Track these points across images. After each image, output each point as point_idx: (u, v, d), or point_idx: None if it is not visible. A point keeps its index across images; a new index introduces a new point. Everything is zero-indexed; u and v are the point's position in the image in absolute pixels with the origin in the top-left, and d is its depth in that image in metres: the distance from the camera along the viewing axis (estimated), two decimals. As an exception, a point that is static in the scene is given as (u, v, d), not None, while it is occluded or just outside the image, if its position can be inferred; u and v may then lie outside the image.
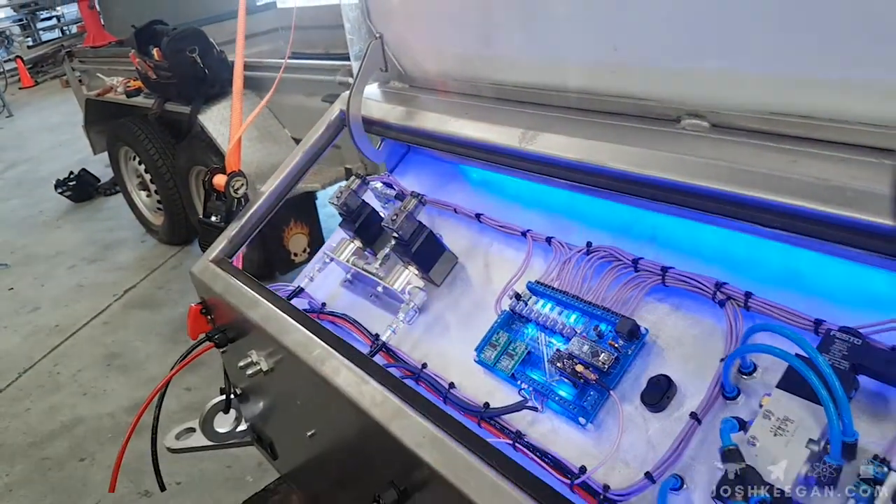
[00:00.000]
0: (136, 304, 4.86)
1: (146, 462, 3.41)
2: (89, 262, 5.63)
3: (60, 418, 3.93)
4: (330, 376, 0.99)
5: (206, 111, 3.93)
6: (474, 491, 0.78)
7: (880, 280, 0.83)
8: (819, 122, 0.84)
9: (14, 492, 3.48)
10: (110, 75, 4.87)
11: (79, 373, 4.29)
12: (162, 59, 3.92)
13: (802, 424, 0.71)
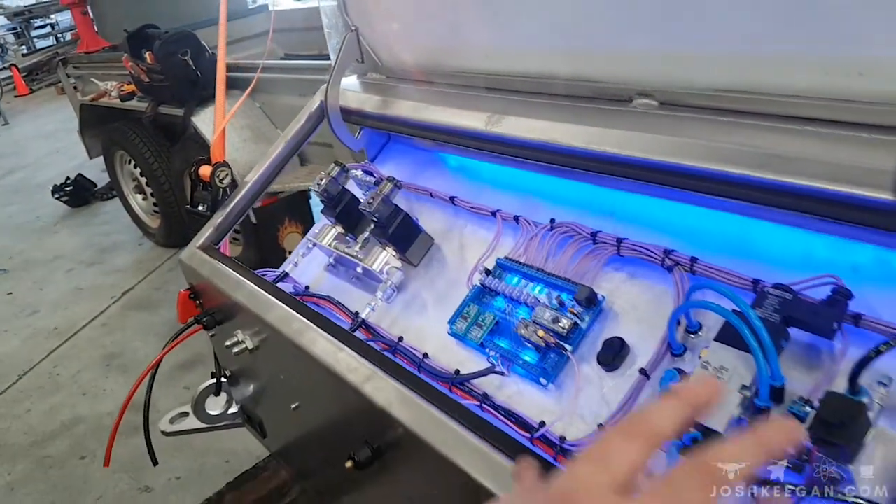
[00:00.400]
0: (134, 306, 4.92)
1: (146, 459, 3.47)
2: (87, 265, 5.69)
3: (61, 418, 3.98)
4: (309, 347, 1.06)
5: (199, 113, 3.99)
6: (441, 443, 0.84)
7: (816, 243, 0.89)
8: (759, 96, 0.90)
9: (16, 490, 3.53)
10: (104, 80, 4.93)
11: (78, 374, 4.35)
12: (154, 63, 3.98)
13: (736, 372, 0.78)
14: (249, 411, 1.57)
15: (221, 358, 1.55)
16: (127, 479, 3.46)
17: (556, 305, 1.04)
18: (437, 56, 1.30)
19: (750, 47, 0.89)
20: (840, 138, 0.81)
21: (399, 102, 1.32)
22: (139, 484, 3.41)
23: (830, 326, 0.76)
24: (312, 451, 1.35)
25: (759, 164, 0.85)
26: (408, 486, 1.00)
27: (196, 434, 3.56)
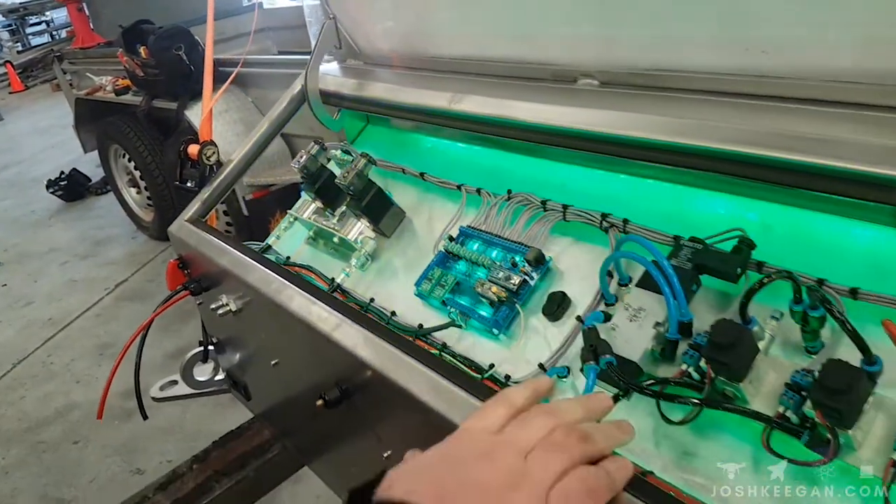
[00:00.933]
0: (128, 297, 5.02)
1: (138, 443, 3.58)
2: (81, 258, 5.78)
3: (54, 405, 4.07)
4: (286, 304, 1.17)
5: (192, 107, 4.09)
6: (402, 377, 0.95)
7: (732, 204, 1.01)
8: (682, 74, 1.02)
9: (10, 474, 3.61)
10: (99, 75, 5.03)
11: (72, 362, 4.43)
12: (149, 57, 4.08)
13: (652, 312, 0.89)
14: (235, 376, 1.68)
15: (208, 325, 1.66)
16: (119, 461, 3.56)
17: (510, 266, 1.15)
18: (408, 42, 1.41)
19: (672, 31, 1.01)
20: (751, 107, 0.93)
21: (374, 85, 1.43)
22: (131, 466, 3.51)
23: (735, 272, 0.88)
24: (291, 406, 1.46)
25: (681, 133, 0.96)
26: (375, 424, 1.11)
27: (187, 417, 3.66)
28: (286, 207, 3.99)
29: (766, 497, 0.78)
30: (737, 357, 0.76)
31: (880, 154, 0.78)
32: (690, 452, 0.85)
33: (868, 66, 0.82)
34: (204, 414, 3.65)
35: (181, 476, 1.53)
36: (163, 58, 4.01)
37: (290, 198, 4.31)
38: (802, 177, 0.84)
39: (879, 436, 0.72)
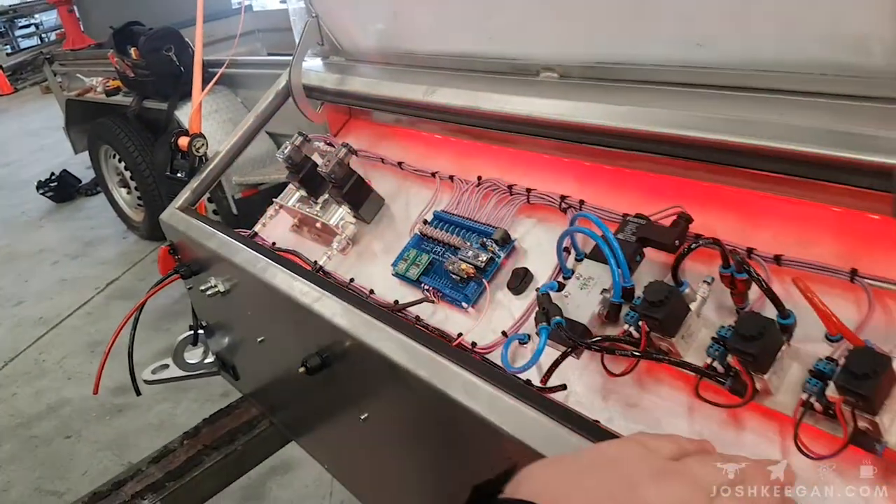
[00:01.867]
0: (119, 296, 5.07)
1: (129, 438, 3.64)
2: (72, 258, 5.83)
3: (46, 401, 4.12)
4: (270, 281, 1.26)
5: (182, 107, 4.17)
6: (376, 342, 1.04)
7: (675, 184, 1.11)
8: (630, 66, 1.12)
9: (3, 468, 3.66)
10: (90, 76, 5.09)
11: (64, 359, 4.48)
12: (139, 58, 4.15)
13: (599, 280, 0.99)
14: (224, 358, 1.76)
15: (198, 309, 1.75)
16: (111, 455, 3.62)
17: (479, 246, 1.25)
18: (386, 39, 1.51)
19: (622, 29, 1.11)
20: (689, 94, 1.03)
21: (354, 79, 1.53)
22: (122, 460, 3.57)
23: (672, 243, 0.98)
24: (276, 382, 1.55)
25: (631, 119, 1.06)
26: (352, 388, 1.20)
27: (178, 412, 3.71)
28: (274, 206, 4.01)
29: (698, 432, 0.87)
30: (667, 313, 0.85)
31: (800, 133, 0.88)
32: (633, 404, 0.95)
33: (786, 57, 0.92)
34: (194, 409, 3.72)
35: (172, 451, 1.61)
36: (153, 59, 4.09)
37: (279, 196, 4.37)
38: (733, 155, 0.94)
39: (793, 381, 0.82)
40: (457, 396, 0.88)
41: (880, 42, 0.81)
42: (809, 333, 0.86)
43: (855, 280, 0.86)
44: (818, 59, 0.88)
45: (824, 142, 0.83)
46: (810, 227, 0.95)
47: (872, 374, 0.68)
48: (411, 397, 1.01)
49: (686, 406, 0.92)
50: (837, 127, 0.83)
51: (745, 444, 0.85)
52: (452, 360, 0.93)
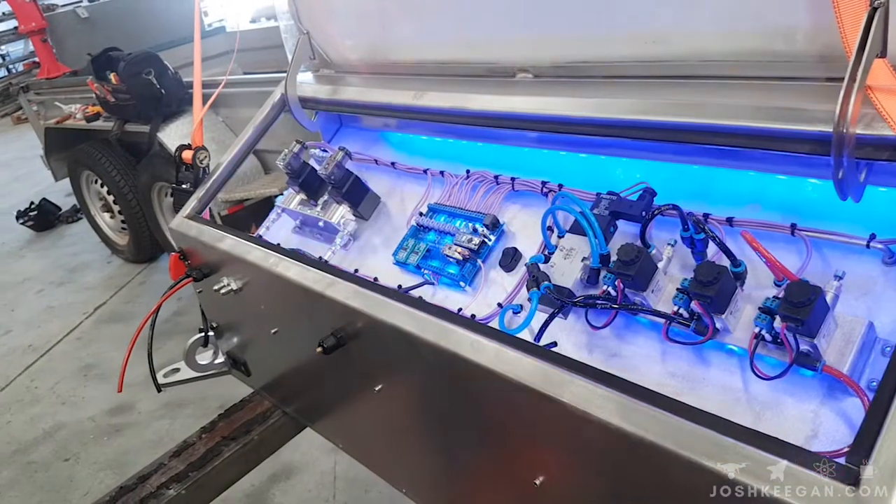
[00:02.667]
0: (108, 319, 5.10)
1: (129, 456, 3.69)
2: (57, 285, 5.83)
3: (42, 426, 4.13)
4: (284, 274, 1.39)
5: (164, 129, 4.24)
6: (389, 317, 1.18)
7: (640, 165, 1.27)
8: (595, 64, 1.28)
9: (3, 494, 3.65)
10: (68, 104, 5.14)
11: (56, 385, 4.50)
12: (120, 83, 4.21)
13: (580, 250, 1.14)
14: (235, 356, 1.88)
15: (208, 311, 1.87)
16: (111, 474, 3.67)
17: (472, 231, 1.40)
18: (374, 51, 1.66)
19: (586, 31, 1.27)
20: (647, 85, 1.19)
21: (346, 89, 1.68)
22: (123, 479, 3.62)
23: (640, 214, 1.13)
24: (290, 371, 1.68)
25: (599, 109, 1.22)
26: (366, 363, 1.33)
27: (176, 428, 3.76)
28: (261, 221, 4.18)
29: (672, 376, 1.02)
30: (637, 270, 1.00)
31: (743, 111, 1.04)
32: (615, 354, 1.10)
33: (727, 48, 1.08)
34: (191, 424, 3.77)
35: (191, 445, 1.72)
36: (134, 83, 4.15)
37: (265, 212, 4.49)
38: (688, 133, 1.09)
39: (747, 320, 0.97)
40: (466, 354, 1.02)
41: (802, 31, 0.98)
42: (759, 282, 1.01)
43: (795, 233, 1.01)
44: (753, 48, 1.05)
45: (765, 117, 0.99)
46: (758, 193, 1.11)
47: (808, 302, 0.83)
48: (422, 362, 1.15)
49: (660, 351, 1.06)
50: (775, 104, 0.99)
51: (711, 378, 1.00)
52: (459, 325, 1.07)
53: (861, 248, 0.94)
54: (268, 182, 4.07)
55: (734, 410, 0.95)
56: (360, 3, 1.61)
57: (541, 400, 0.92)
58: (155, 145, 4.31)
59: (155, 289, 5.19)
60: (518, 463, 1.09)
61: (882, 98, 0.82)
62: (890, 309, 0.91)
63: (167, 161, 4.24)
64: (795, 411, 0.91)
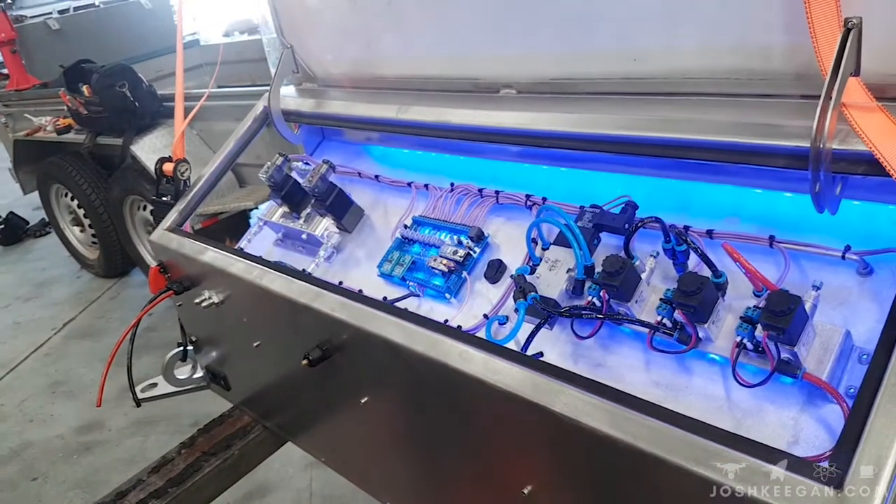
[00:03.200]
0: (77, 335, 5.00)
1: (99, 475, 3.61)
2: (24, 300, 5.71)
3: (9, 445, 4.03)
4: (268, 286, 1.39)
5: (137, 142, 4.20)
6: (376, 328, 1.18)
7: (621, 179, 1.30)
8: (579, 81, 1.31)
9: (-31, 516, 3.56)
10: (38, 116, 5.06)
11: (23, 402, 4.39)
12: (92, 95, 4.17)
13: (565, 262, 1.16)
14: (214, 370, 1.87)
15: (188, 325, 1.85)
16: (80, 494, 3.59)
17: (456, 243, 1.41)
18: (358, 66, 1.67)
19: (569, 49, 1.30)
20: (629, 102, 1.22)
21: (330, 102, 1.69)
22: (93, 498, 3.54)
23: (623, 226, 1.16)
24: (272, 385, 1.67)
25: (581, 125, 1.25)
26: (353, 375, 1.33)
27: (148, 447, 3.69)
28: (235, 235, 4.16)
29: (656, 385, 1.05)
30: (622, 280, 1.03)
31: (722, 127, 1.07)
32: (599, 364, 1.12)
33: (706, 66, 1.12)
34: (164, 442, 3.72)
35: (171, 460, 1.70)
36: (107, 95, 4.12)
37: (239, 226, 4.46)
38: (669, 148, 1.13)
39: (729, 330, 1.00)
40: (455, 364, 1.03)
41: (778, 50, 1.02)
42: (739, 292, 1.04)
43: (773, 245, 1.04)
44: (731, 66, 1.08)
45: (744, 132, 1.02)
46: (737, 206, 1.15)
47: (788, 311, 0.86)
48: (410, 374, 1.15)
49: (643, 361, 1.09)
50: (753, 120, 1.02)
51: (694, 386, 1.03)
52: (447, 336, 1.08)
53: (837, 260, 0.98)
54: (242, 196, 4.06)
55: (717, 417, 0.97)
56: (345, 19, 1.63)
57: (530, 409, 0.93)
58: (128, 158, 4.27)
59: (126, 304, 5.12)
60: (506, 473, 1.10)
61: (856, 115, 0.86)
62: (865, 318, 0.94)
63: (140, 174, 4.20)
64: (776, 418, 0.94)
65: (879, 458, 0.67)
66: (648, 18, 1.16)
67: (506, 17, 1.35)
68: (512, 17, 1.34)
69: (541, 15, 1.30)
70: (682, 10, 1.11)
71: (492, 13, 1.36)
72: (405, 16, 1.51)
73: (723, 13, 1.06)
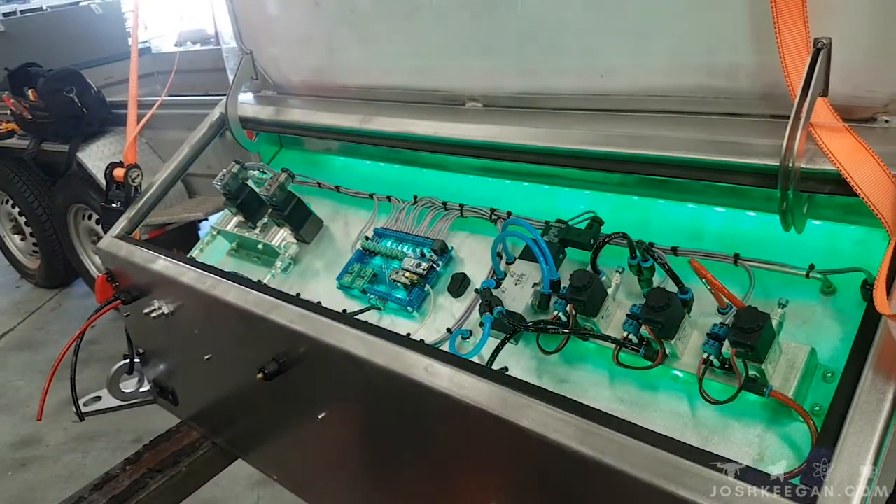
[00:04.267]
0: (15, 347, 4.80)
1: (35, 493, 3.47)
2: (-42, 312, 5.45)
3: (-58, 464, 3.82)
4: (222, 296, 1.34)
5: (85, 149, 4.08)
6: (339, 341, 1.14)
7: (586, 195, 1.29)
8: (544, 95, 1.31)
9: None
10: (-22, 120, 4.86)
11: (-44, 419, 4.18)
12: (38, 100, 4.04)
13: (531, 276, 1.15)
14: (162, 383, 1.79)
15: (135, 336, 1.77)
16: (22, 513, 3.42)
17: (419, 256, 1.38)
18: (320, 74, 1.64)
19: (536, 64, 1.30)
20: (595, 117, 1.22)
21: (289, 110, 1.65)
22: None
23: (588, 242, 1.15)
24: (223, 400, 1.60)
25: (545, 139, 1.24)
26: (310, 390, 1.29)
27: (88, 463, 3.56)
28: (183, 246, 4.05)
29: (620, 401, 1.03)
30: (590, 296, 1.01)
31: (689, 144, 1.07)
32: (564, 380, 1.10)
33: (673, 83, 1.12)
34: (104, 458, 3.58)
35: (115, 477, 1.62)
36: (53, 100, 3.99)
37: (188, 237, 4.36)
38: (634, 164, 1.13)
39: (695, 346, 0.99)
40: (420, 378, 1.00)
41: (745, 70, 1.03)
42: (704, 309, 1.04)
43: (738, 262, 1.05)
44: (698, 84, 1.09)
45: (710, 149, 1.03)
46: (699, 224, 1.15)
47: (757, 328, 0.86)
48: (371, 388, 1.12)
49: (607, 377, 1.08)
50: (719, 137, 1.03)
51: (659, 403, 1.02)
52: (411, 349, 1.05)
53: (800, 279, 0.99)
54: (192, 206, 3.96)
55: (683, 434, 0.96)
56: (307, 26, 1.60)
57: (497, 424, 0.91)
58: (73, 166, 4.13)
59: (67, 316, 4.94)
60: (471, 489, 1.07)
61: (824, 135, 0.87)
62: (829, 336, 0.95)
63: (86, 182, 4.07)
64: (742, 435, 0.93)
65: (852, 476, 0.67)
66: (616, 35, 1.16)
67: (473, 29, 1.34)
68: (479, 29, 1.34)
69: (508, 28, 1.30)
70: (651, 28, 1.12)
71: (459, 25, 1.35)
72: (370, 25, 1.49)
73: (691, 32, 1.07)
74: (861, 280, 0.94)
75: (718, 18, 1.04)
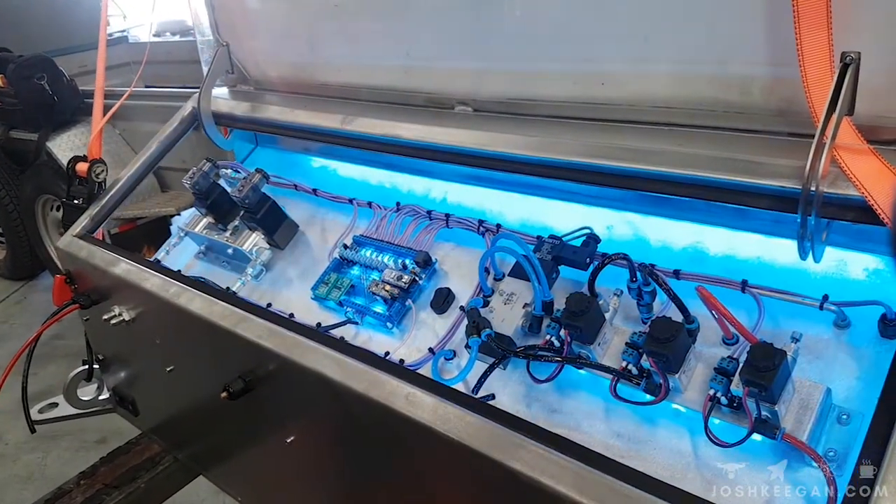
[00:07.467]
0: (-24, 341, 4.63)
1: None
2: (-83, 302, 5.25)
3: None
4: (186, 306, 1.23)
5: (54, 138, 3.96)
6: (308, 361, 1.05)
7: (581, 210, 1.21)
8: (537, 102, 1.23)
9: None
10: (-56, 106, 4.69)
11: (-86, 418, 4.01)
12: (7, 86, 3.91)
13: (521, 295, 1.06)
14: (122, 392, 1.68)
15: (94, 342, 1.66)
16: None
17: (401, 268, 1.29)
18: (299, 70, 1.54)
19: (531, 68, 1.21)
20: (593, 127, 1.14)
21: (266, 107, 1.55)
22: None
23: (584, 261, 1.07)
24: (186, 414, 1.49)
25: (538, 148, 1.16)
26: (278, 411, 1.19)
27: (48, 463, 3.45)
28: (154, 241, 3.93)
29: (617, 436, 0.95)
30: (587, 322, 0.93)
31: (694, 161, 1.00)
32: (555, 409, 1.02)
33: (679, 95, 1.05)
34: (67, 458, 3.45)
35: (68, 492, 1.51)
36: (23, 87, 3.86)
37: (159, 232, 4.23)
38: (634, 180, 1.05)
39: (699, 380, 0.92)
40: (400, 408, 0.91)
41: (759, 83, 0.95)
42: (707, 338, 0.97)
43: (746, 290, 0.97)
44: (707, 96, 1.02)
45: (721, 168, 0.95)
46: (705, 246, 1.08)
47: (772, 367, 0.79)
48: (345, 414, 1.03)
49: (603, 409, 1.00)
50: (730, 155, 0.95)
51: (659, 440, 0.94)
52: (391, 374, 0.96)
53: (813, 310, 0.91)
54: (164, 201, 3.85)
55: (685, 476, 0.89)
56: (287, 18, 1.50)
57: (484, 464, 0.83)
58: (42, 155, 4.01)
59: (31, 309, 4.78)
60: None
61: (847, 158, 0.79)
62: (843, 374, 0.88)
63: (55, 173, 3.94)
64: (749, 479, 0.86)
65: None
66: (620, 39, 1.09)
67: (465, 28, 1.26)
68: (472, 28, 1.25)
69: (503, 28, 1.22)
70: (658, 33, 1.04)
71: (450, 23, 1.27)
72: (355, 19, 1.40)
73: (701, 39, 1.00)
74: (879, 314, 0.87)
75: (730, 27, 0.97)
